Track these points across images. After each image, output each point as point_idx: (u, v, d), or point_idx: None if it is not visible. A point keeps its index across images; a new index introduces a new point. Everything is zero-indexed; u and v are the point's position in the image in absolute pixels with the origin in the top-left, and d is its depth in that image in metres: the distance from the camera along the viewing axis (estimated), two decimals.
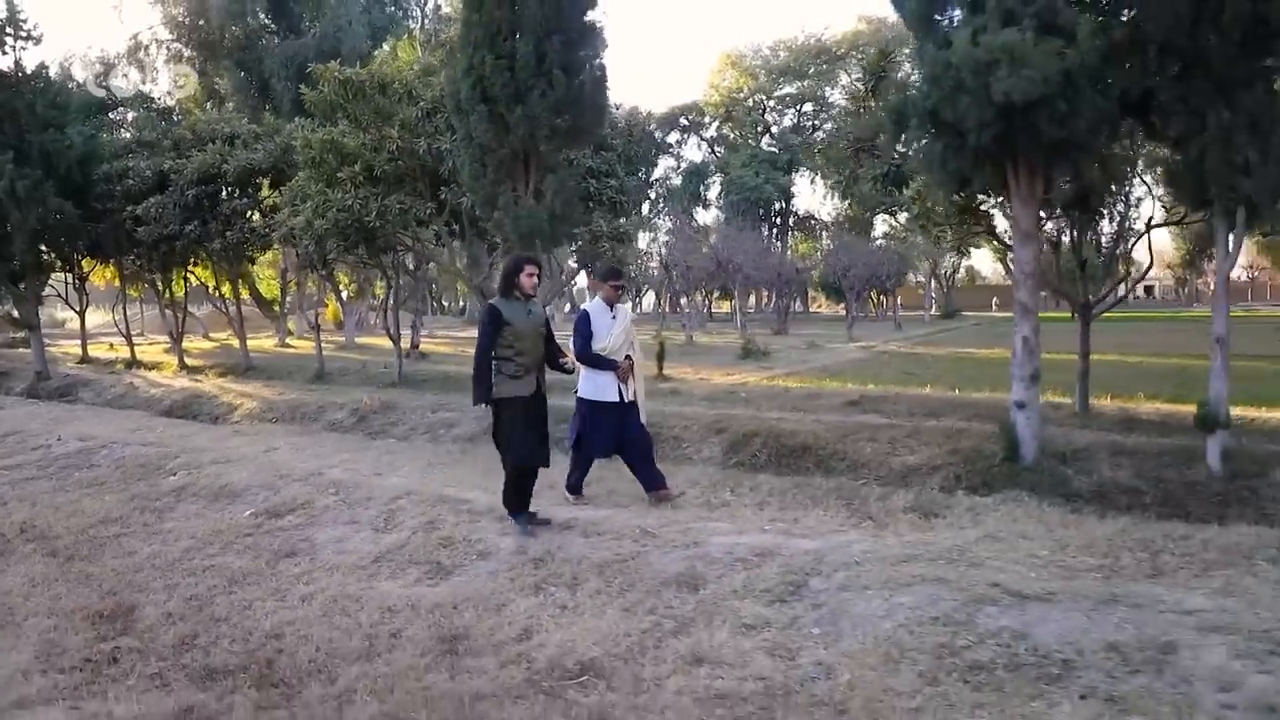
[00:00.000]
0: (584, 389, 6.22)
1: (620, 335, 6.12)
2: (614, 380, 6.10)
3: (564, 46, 8.86)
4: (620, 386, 6.13)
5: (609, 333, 6.09)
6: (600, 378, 6.12)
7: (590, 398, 6.18)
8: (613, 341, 6.09)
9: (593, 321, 6.10)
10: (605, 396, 6.14)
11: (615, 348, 6.10)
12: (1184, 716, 3.21)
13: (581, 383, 6.24)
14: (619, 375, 6.09)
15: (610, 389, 6.12)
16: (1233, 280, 28.46)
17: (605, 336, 6.08)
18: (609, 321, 6.14)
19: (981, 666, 3.63)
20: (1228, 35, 5.94)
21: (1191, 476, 6.64)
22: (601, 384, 6.13)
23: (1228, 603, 3.94)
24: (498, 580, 4.93)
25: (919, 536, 5.10)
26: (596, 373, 6.12)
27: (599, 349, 6.06)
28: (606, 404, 6.14)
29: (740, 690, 3.63)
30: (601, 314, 6.15)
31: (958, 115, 6.42)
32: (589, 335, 6.07)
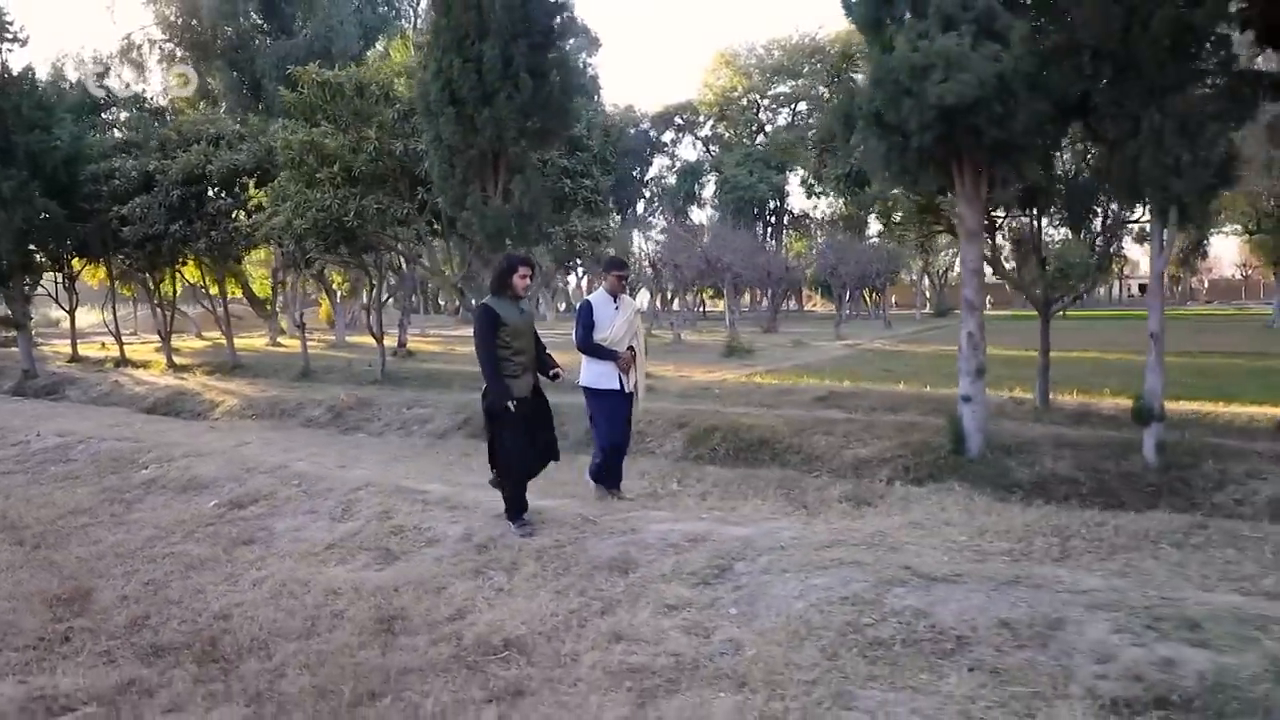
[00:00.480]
0: (585, 378, 6.13)
1: (623, 326, 6.03)
2: (614, 370, 6.00)
3: (531, 50, 9.07)
4: (621, 377, 6.03)
5: (611, 323, 6.00)
6: (599, 366, 6.02)
7: (592, 385, 6.09)
8: (614, 333, 6.00)
9: (595, 311, 6.02)
10: (606, 384, 6.03)
11: (617, 339, 6.01)
12: (1059, 686, 3.41)
13: (582, 372, 6.14)
14: (619, 366, 5.99)
15: (610, 376, 6.02)
16: (1227, 279, 28.85)
17: (607, 327, 5.99)
18: (611, 312, 6.04)
19: (881, 643, 3.84)
20: (1157, 41, 6.15)
21: (1128, 468, 6.86)
22: (602, 371, 6.03)
23: (1121, 582, 4.15)
24: (441, 565, 5.13)
25: (847, 524, 5.31)
26: (596, 362, 6.02)
27: (600, 339, 5.97)
28: (609, 391, 6.04)
29: (652, 664, 3.83)
30: (604, 304, 6.06)
31: (900, 117, 6.63)
32: (590, 325, 5.98)
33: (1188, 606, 3.76)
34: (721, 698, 3.54)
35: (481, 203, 9.24)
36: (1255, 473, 6.57)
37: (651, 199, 59.85)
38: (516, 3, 8.91)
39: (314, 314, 37.59)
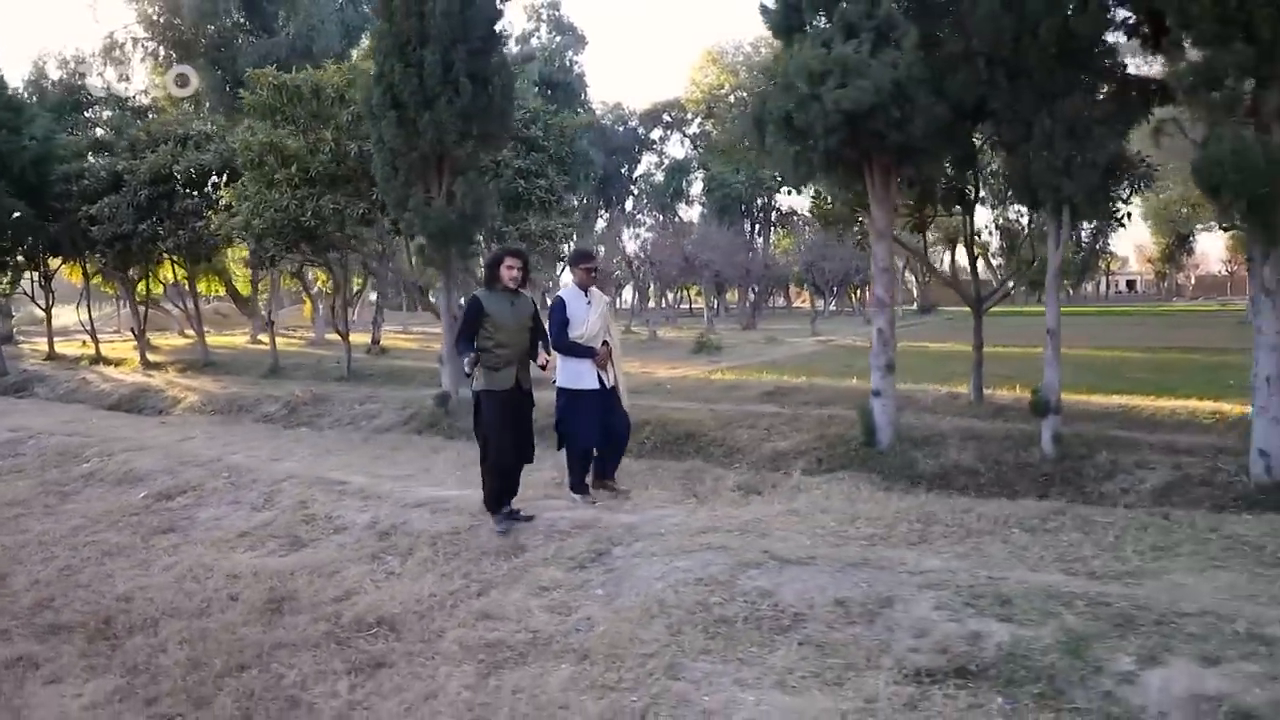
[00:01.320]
0: (562, 378, 5.93)
1: (597, 321, 5.92)
2: (592, 367, 5.89)
3: (470, 56, 9.29)
4: (600, 373, 5.93)
5: (585, 319, 5.87)
6: (578, 365, 5.87)
7: (569, 386, 5.92)
8: (589, 328, 5.87)
9: (568, 307, 5.87)
10: (584, 384, 5.89)
11: (592, 334, 5.88)
12: (873, 658, 3.68)
13: (559, 372, 5.93)
14: (597, 362, 5.88)
15: (589, 376, 5.90)
16: (1213, 275, 29.24)
17: (582, 323, 5.85)
18: (584, 307, 5.91)
19: (725, 620, 4.11)
20: (1045, 49, 6.39)
21: (1026, 459, 7.11)
22: (579, 371, 5.89)
23: (959, 564, 4.42)
24: (343, 551, 5.40)
25: (729, 511, 5.57)
26: (574, 360, 5.87)
27: (575, 336, 5.83)
28: (586, 391, 5.90)
29: (509, 640, 4.10)
30: (576, 299, 5.92)
31: (807, 122, 6.87)
32: (565, 322, 5.83)
33: (1007, 585, 4.03)
34: (562, 669, 3.81)
35: (424, 204, 9.48)
36: (1144, 463, 6.82)
37: (640, 196, 60.06)
38: (455, 10, 9.14)
39: (299, 312, 37.85)
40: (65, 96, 28.83)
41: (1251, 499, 6.16)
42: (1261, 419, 6.26)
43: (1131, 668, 3.33)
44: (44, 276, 19.29)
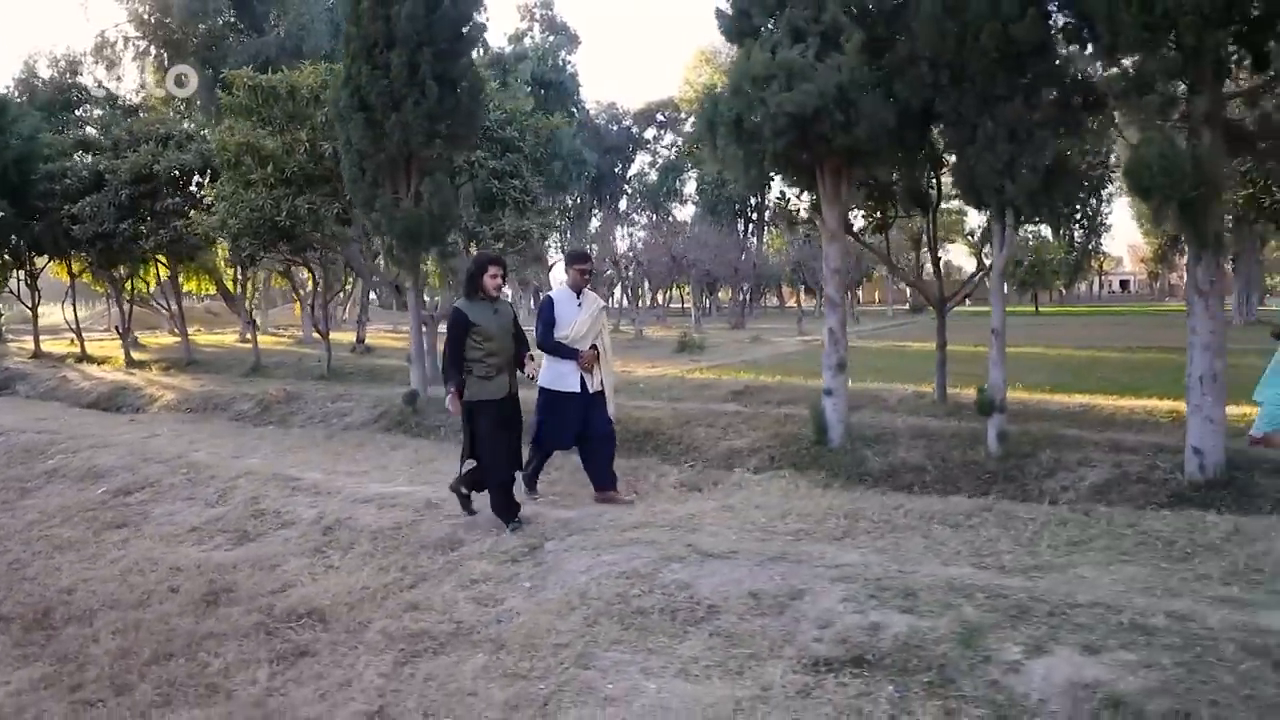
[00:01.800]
0: (544, 377, 5.94)
1: (586, 323, 5.86)
2: (576, 370, 5.84)
3: (437, 58, 9.39)
4: (584, 376, 5.87)
5: (573, 320, 5.83)
6: (561, 366, 5.85)
7: (550, 386, 5.91)
8: (576, 330, 5.82)
9: (556, 308, 5.85)
10: (565, 386, 5.87)
11: (579, 336, 5.83)
12: (776, 648, 3.80)
13: (543, 371, 5.94)
14: (581, 364, 5.84)
15: (571, 378, 5.86)
16: None
17: (569, 324, 5.82)
18: (574, 309, 5.87)
19: (641, 611, 4.23)
20: (986, 54, 6.51)
21: (971, 456, 7.22)
22: (562, 372, 5.87)
23: (875, 558, 4.54)
24: (287, 545, 5.52)
25: (666, 507, 5.69)
26: (558, 360, 5.85)
27: (561, 337, 5.81)
28: (567, 394, 5.87)
29: (432, 630, 4.22)
30: (566, 300, 5.89)
31: (755, 125, 6.98)
32: (551, 322, 5.82)
33: (914, 579, 4.15)
34: (477, 658, 3.92)
35: (391, 205, 9.59)
36: (1086, 461, 6.93)
37: (634, 195, 60.19)
38: (421, 13, 9.24)
39: (292, 310, 37.93)
40: (56, 95, 28.86)
41: (1184, 496, 6.27)
42: (1195, 417, 6.37)
43: (1018, 657, 3.45)
44: (30, 275, 19.38)
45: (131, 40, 32.91)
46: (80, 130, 22.53)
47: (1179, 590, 3.94)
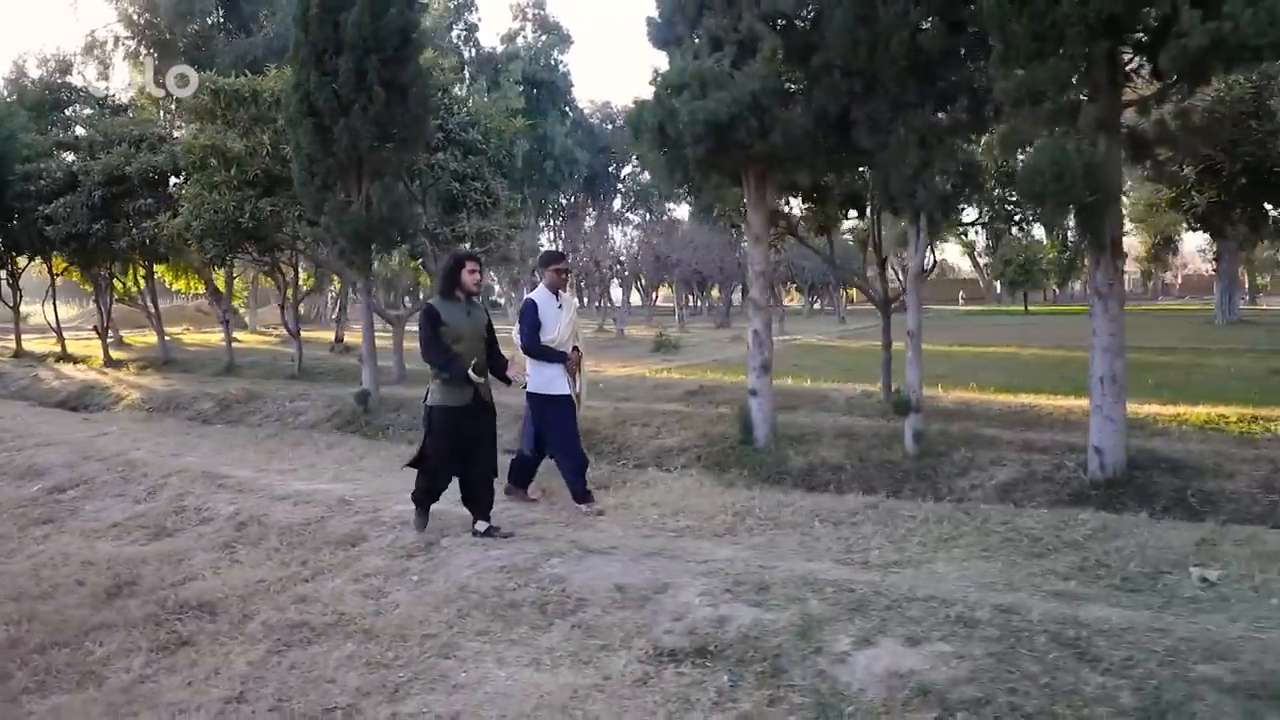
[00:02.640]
0: (534, 383, 5.79)
1: (568, 326, 5.78)
2: (564, 373, 5.75)
3: (384, 64, 9.56)
4: (568, 379, 5.80)
5: (556, 323, 5.71)
6: (548, 370, 5.72)
7: (543, 392, 5.79)
8: (560, 332, 5.72)
9: (540, 310, 5.69)
10: (558, 389, 5.76)
11: (563, 339, 5.73)
12: (628, 639, 3.97)
13: (530, 378, 5.78)
14: (566, 367, 5.75)
15: (560, 382, 5.76)
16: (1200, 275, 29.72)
17: (553, 327, 5.68)
18: (555, 311, 5.75)
19: (513, 604, 4.40)
20: (896, 62, 6.66)
21: (889, 456, 7.38)
22: (550, 377, 5.75)
23: (747, 554, 4.71)
24: (199, 540, 5.70)
25: (567, 503, 5.85)
26: (544, 365, 5.69)
27: (547, 340, 5.66)
28: (559, 397, 5.78)
29: (313, 621, 4.39)
30: (548, 303, 5.75)
31: (676, 130, 7.14)
32: (536, 325, 5.65)
33: (773, 574, 4.32)
34: (346, 647, 4.09)
35: (339, 208, 9.76)
36: (999, 460, 7.09)
37: (628, 194, 60.29)
38: (367, 20, 9.40)
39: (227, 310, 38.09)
40: (45, 95, 29.08)
41: (1085, 495, 6.43)
42: (1097, 417, 6.53)
43: (847, 648, 3.62)
44: (10, 274, 19.59)
45: (122, 40, 33.17)
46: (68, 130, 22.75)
47: (1019, 585, 4.11)
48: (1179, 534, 4.75)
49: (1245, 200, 7.61)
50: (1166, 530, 4.84)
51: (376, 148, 9.81)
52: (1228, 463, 6.52)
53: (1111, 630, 3.49)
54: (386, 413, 10.25)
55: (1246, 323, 30.17)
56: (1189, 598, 3.97)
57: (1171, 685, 3.11)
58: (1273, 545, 4.47)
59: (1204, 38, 5.28)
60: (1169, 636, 3.41)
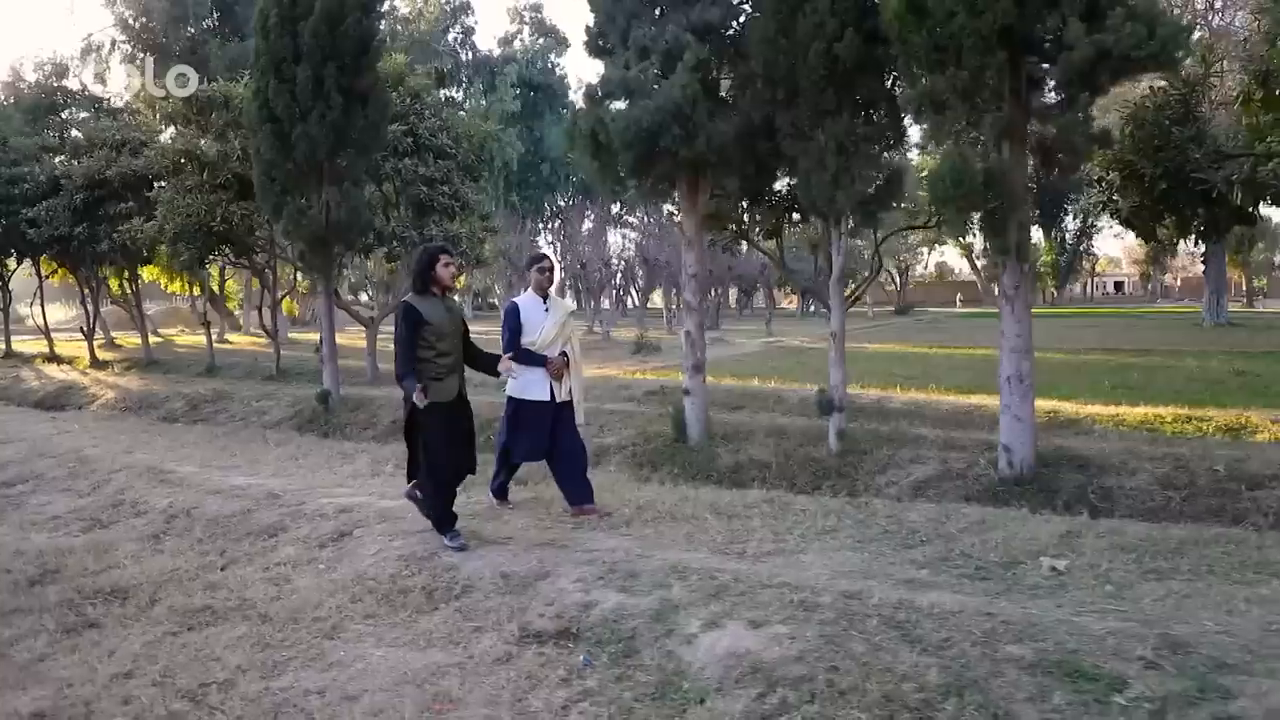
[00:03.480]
0: (511, 386, 5.70)
1: (553, 330, 5.61)
2: (545, 378, 5.59)
3: (340, 73, 9.83)
4: (552, 385, 5.62)
5: (539, 326, 5.58)
6: (528, 374, 5.58)
7: (517, 395, 5.66)
8: (544, 335, 5.58)
9: (522, 314, 5.60)
10: (532, 395, 5.61)
11: (547, 342, 5.59)
12: (499, 622, 4.19)
13: (510, 379, 5.70)
14: (550, 372, 5.59)
15: (539, 386, 5.60)
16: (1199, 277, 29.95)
17: (536, 330, 5.57)
18: (540, 314, 5.62)
19: (404, 590, 4.63)
20: (814, 72, 6.89)
21: (813, 453, 7.61)
22: (529, 380, 5.60)
23: (630, 545, 4.92)
24: (130, 531, 5.95)
25: (481, 498, 6.07)
26: (524, 369, 5.58)
27: (528, 343, 5.56)
28: (534, 403, 5.62)
29: (216, 606, 4.62)
30: (533, 306, 5.64)
31: (608, 137, 7.39)
32: (516, 329, 5.57)
33: (647, 563, 4.54)
34: (240, 628, 4.33)
35: (297, 212, 10.03)
36: (918, 458, 7.31)
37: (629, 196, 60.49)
38: (324, 30, 9.66)
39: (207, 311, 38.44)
40: (41, 98, 29.46)
41: (994, 491, 6.66)
42: (1005, 416, 6.75)
43: (695, 631, 3.83)
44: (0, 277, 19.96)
45: (119, 44, 33.57)
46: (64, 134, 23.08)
47: (875, 573, 4.32)
48: (1049, 527, 4.95)
49: (1166, 204, 7.80)
50: (1039, 524, 5.04)
51: (335, 153, 10.07)
52: (1134, 461, 6.73)
53: (940, 614, 3.70)
54: (346, 412, 10.52)
55: (1234, 325, 30.19)
56: (1031, 585, 4.17)
57: (978, 663, 3.32)
58: (1130, 538, 4.67)
59: (1089, 49, 5.51)
60: (992, 620, 3.61)
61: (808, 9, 6.84)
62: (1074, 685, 3.12)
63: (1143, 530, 4.78)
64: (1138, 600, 3.90)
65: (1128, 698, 3.02)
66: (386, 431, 9.75)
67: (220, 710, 3.56)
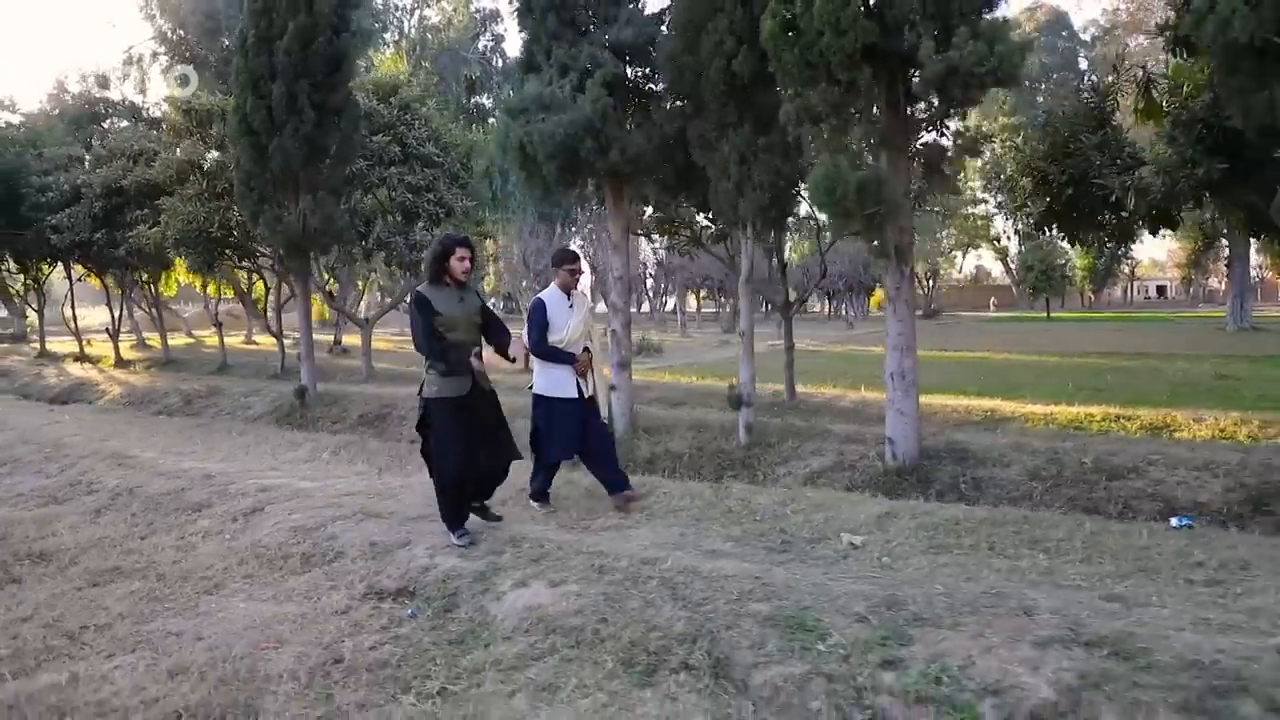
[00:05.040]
0: (539, 384, 5.71)
1: (578, 326, 5.62)
2: (572, 374, 5.61)
3: (313, 89, 10.52)
4: (579, 381, 5.66)
5: (566, 324, 5.57)
6: (556, 371, 5.61)
7: (546, 394, 5.67)
8: (570, 333, 5.58)
9: (548, 310, 5.58)
10: (563, 392, 5.62)
11: (573, 339, 5.60)
12: (352, 582, 4.74)
13: (536, 378, 5.73)
14: (577, 369, 5.61)
15: (568, 384, 5.62)
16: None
17: (562, 328, 5.56)
18: (565, 311, 5.60)
19: (285, 555, 5.22)
20: (716, 86, 7.37)
21: (725, 446, 8.07)
22: (558, 378, 5.63)
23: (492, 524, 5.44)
24: (78, 507, 6.64)
25: (389, 480, 6.66)
26: (552, 366, 5.60)
27: (555, 341, 5.55)
28: (565, 400, 5.63)
29: (125, 567, 5.26)
30: (558, 303, 5.61)
31: (533, 149, 7.94)
32: (544, 326, 5.54)
33: (493, 534, 5.07)
34: (134, 584, 4.95)
35: (273, 219, 10.75)
36: (819, 450, 7.72)
37: None
38: (297, 49, 10.37)
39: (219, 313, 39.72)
40: (84, 109, 30.99)
41: (878, 480, 7.06)
42: (890, 410, 7.14)
43: (506, 589, 4.36)
44: (34, 280, 21.18)
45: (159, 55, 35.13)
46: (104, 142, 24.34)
47: (685, 545, 4.80)
48: (870, 507, 5.37)
49: (1072, 209, 8.10)
50: (863, 504, 5.46)
51: (309, 164, 10.78)
52: (1012, 454, 7.09)
53: (714, 577, 4.16)
54: (320, 407, 11.22)
55: (1258, 330, 29.73)
56: (822, 557, 4.61)
57: (722, 617, 3.79)
58: (939, 518, 5.07)
59: (940, 66, 5.92)
60: (754, 583, 4.07)
61: (710, 28, 7.32)
62: (790, 635, 3.58)
63: (954, 512, 5.16)
64: (901, 569, 4.33)
65: (827, 644, 3.48)
66: (352, 425, 10.43)
67: (89, 646, 4.17)
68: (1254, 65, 5.46)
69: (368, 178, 13.51)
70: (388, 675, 3.70)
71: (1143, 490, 6.25)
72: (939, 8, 6.06)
